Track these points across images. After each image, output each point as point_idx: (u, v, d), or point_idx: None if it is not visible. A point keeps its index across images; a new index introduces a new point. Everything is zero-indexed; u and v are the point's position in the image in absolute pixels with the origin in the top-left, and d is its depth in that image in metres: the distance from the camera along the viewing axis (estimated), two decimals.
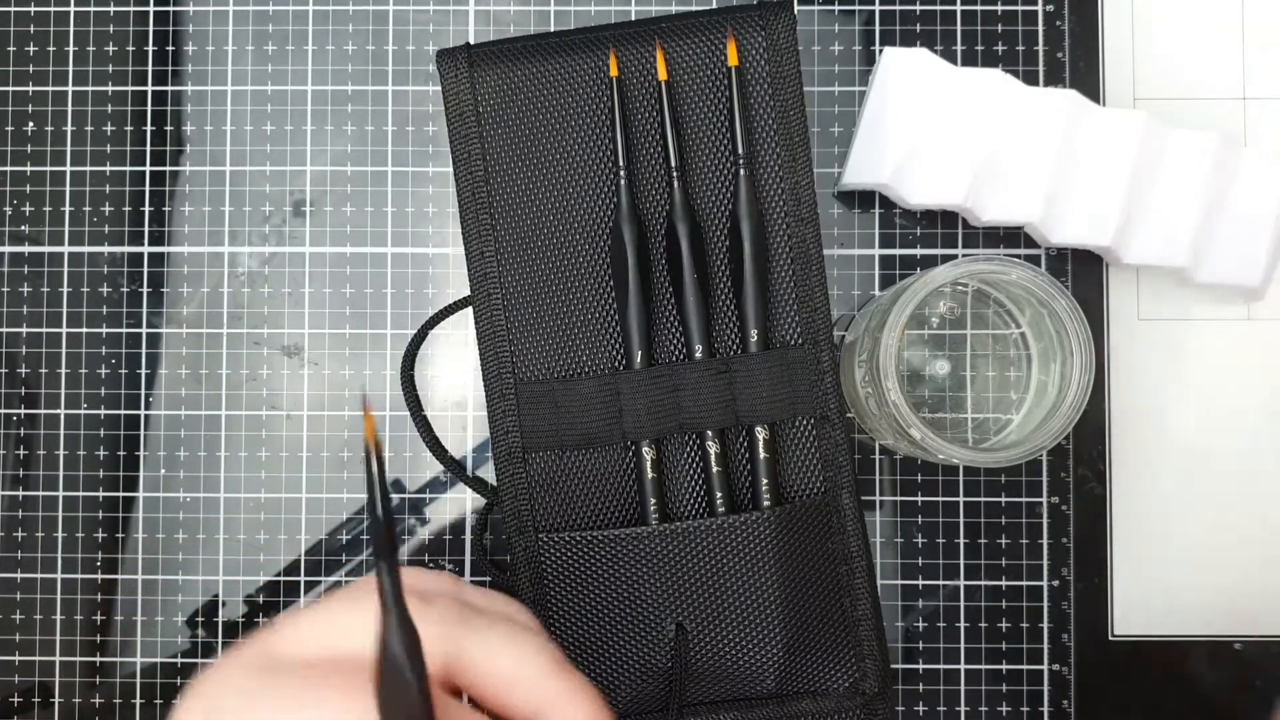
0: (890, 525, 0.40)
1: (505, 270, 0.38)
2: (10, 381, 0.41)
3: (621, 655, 0.37)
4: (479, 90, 0.38)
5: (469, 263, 0.38)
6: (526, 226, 0.38)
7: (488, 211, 0.38)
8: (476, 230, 0.38)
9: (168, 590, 0.41)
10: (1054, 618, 0.40)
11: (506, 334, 0.38)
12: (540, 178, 0.38)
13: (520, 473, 0.38)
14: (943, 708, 0.40)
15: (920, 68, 0.38)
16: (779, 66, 0.37)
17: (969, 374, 0.40)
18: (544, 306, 0.38)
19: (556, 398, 0.37)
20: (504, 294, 0.38)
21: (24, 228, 0.41)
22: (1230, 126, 0.41)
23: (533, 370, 0.38)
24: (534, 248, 0.38)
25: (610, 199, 0.38)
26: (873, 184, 0.39)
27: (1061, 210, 0.39)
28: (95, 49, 0.42)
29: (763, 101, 0.37)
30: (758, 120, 0.37)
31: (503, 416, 0.38)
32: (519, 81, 0.38)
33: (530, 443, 0.37)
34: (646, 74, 0.38)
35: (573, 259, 0.38)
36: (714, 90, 0.38)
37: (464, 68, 0.38)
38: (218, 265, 0.41)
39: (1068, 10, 0.41)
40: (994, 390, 0.40)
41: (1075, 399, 0.35)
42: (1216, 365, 0.41)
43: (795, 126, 0.37)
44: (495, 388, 0.38)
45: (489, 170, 0.38)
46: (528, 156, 0.38)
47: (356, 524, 0.41)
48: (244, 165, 0.41)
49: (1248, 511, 0.40)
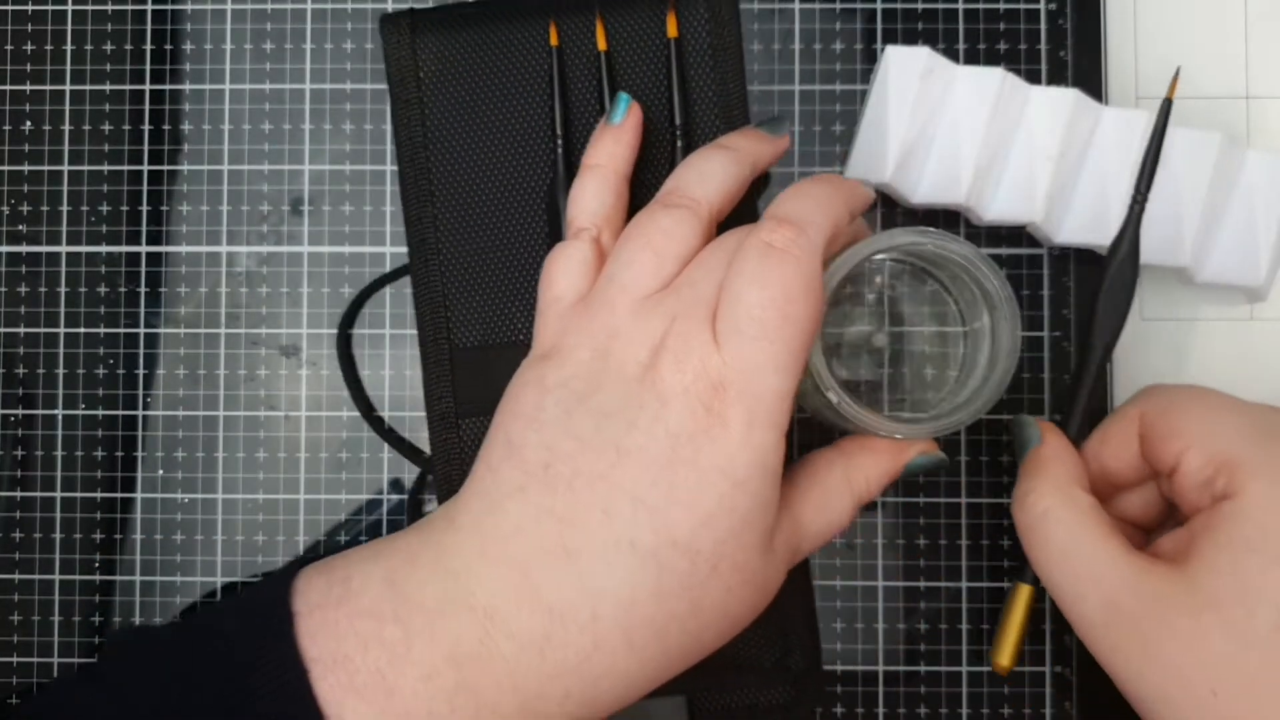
0: (892, 526, 0.40)
1: (443, 236, 0.38)
2: (7, 382, 0.41)
3: None
4: (420, 56, 0.38)
5: (407, 227, 0.38)
6: (465, 193, 0.38)
7: (426, 177, 0.38)
8: (415, 195, 0.38)
9: (166, 591, 0.40)
10: (1055, 619, 0.40)
11: (443, 299, 0.38)
12: (479, 144, 0.38)
13: (452, 438, 0.38)
14: (944, 710, 0.40)
15: (922, 66, 0.38)
16: (720, 38, 0.38)
17: (906, 350, 0.40)
18: (481, 273, 0.38)
19: (491, 364, 0.37)
20: (441, 260, 0.38)
21: (21, 227, 0.41)
22: (1233, 126, 0.41)
23: (468, 336, 0.38)
24: (472, 214, 0.38)
25: (548, 167, 0.38)
26: (874, 183, 0.39)
27: (1064, 209, 0.39)
28: (93, 48, 0.42)
29: (703, 73, 0.38)
30: (697, 92, 0.38)
31: (437, 382, 0.38)
32: (461, 48, 0.38)
33: (464, 409, 0.38)
34: (588, 43, 0.38)
35: (510, 226, 0.38)
36: (654, 61, 0.38)
37: (406, 33, 0.38)
38: (216, 265, 0.41)
39: (1070, 9, 0.41)
40: (932, 365, 0.40)
41: (1002, 370, 0.34)
42: (1219, 365, 0.41)
43: (735, 99, 0.38)
44: (430, 353, 0.38)
45: (428, 136, 0.38)
46: (468, 123, 0.38)
47: (355, 525, 0.41)
48: (242, 165, 0.41)
49: None
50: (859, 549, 0.40)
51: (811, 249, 0.31)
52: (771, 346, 0.30)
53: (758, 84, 0.41)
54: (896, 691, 0.40)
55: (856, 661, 0.40)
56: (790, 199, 0.32)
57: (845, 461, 0.34)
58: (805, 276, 0.30)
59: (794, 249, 0.30)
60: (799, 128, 0.41)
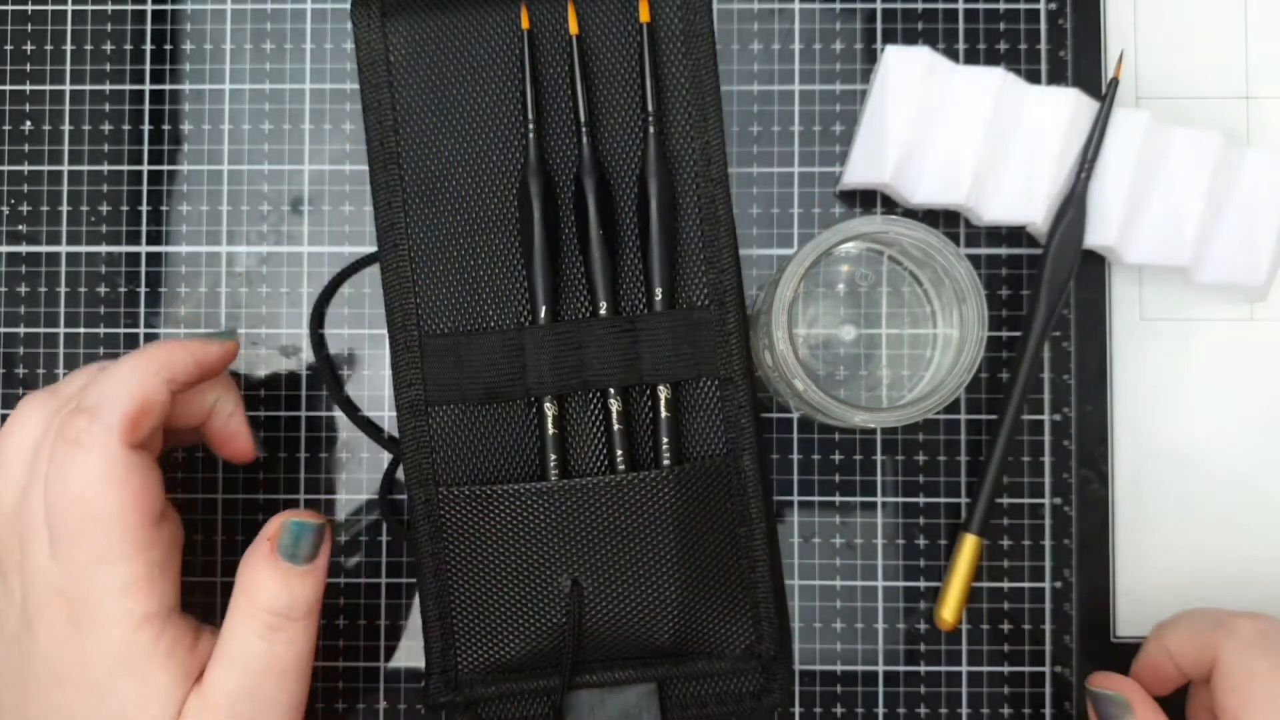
0: (892, 526, 0.40)
1: (412, 222, 0.38)
2: (7, 382, 0.41)
3: (518, 610, 0.37)
4: (390, 40, 0.38)
5: (376, 213, 0.38)
6: (435, 178, 0.38)
7: (395, 162, 0.38)
8: (385, 181, 0.38)
9: None
10: (1056, 619, 0.40)
11: (412, 286, 0.38)
12: (450, 130, 0.38)
13: (422, 425, 0.37)
14: (944, 710, 0.40)
15: (922, 66, 0.38)
16: (692, 24, 0.38)
17: (883, 336, 0.40)
18: (451, 259, 0.38)
19: (460, 351, 0.37)
20: (410, 246, 0.38)
21: (21, 227, 0.41)
22: (1233, 126, 0.41)
23: (438, 323, 0.38)
24: (442, 200, 0.38)
25: (519, 153, 0.38)
26: (874, 183, 0.39)
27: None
28: (93, 48, 0.42)
29: (675, 59, 0.38)
30: (669, 78, 0.38)
31: (406, 368, 0.38)
32: (431, 32, 0.38)
33: (433, 396, 0.37)
34: (560, 28, 0.38)
35: (480, 212, 0.38)
36: (626, 46, 0.38)
37: (376, 17, 0.38)
38: (215, 265, 0.41)
39: (1070, 9, 0.41)
40: (908, 357, 0.40)
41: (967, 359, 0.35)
42: (1219, 365, 0.41)
43: (707, 85, 0.38)
44: (400, 340, 0.38)
45: (398, 120, 0.38)
46: (438, 108, 0.38)
47: (355, 525, 0.41)
48: (242, 164, 0.41)
49: (1251, 512, 0.40)
50: (859, 549, 0.40)
51: (105, 433, 0.31)
52: (89, 545, 0.31)
53: (758, 84, 0.41)
54: (896, 691, 0.40)
55: (856, 661, 0.40)
56: (92, 384, 0.33)
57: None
58: (102, 466, 0.31)
59: (84, 439, 0.31)
60: (799, 128, 0.41)
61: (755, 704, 0.38)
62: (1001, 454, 0.39)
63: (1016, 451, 0.40)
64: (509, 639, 0.37)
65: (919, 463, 0.40)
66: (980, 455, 0.40)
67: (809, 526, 0.40)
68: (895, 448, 0.40)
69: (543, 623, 0.37)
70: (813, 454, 0.40)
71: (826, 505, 0.40)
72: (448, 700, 0.37)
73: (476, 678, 0.37)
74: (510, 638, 0.37)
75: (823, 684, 0.40)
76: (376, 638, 0.40)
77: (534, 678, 0.37)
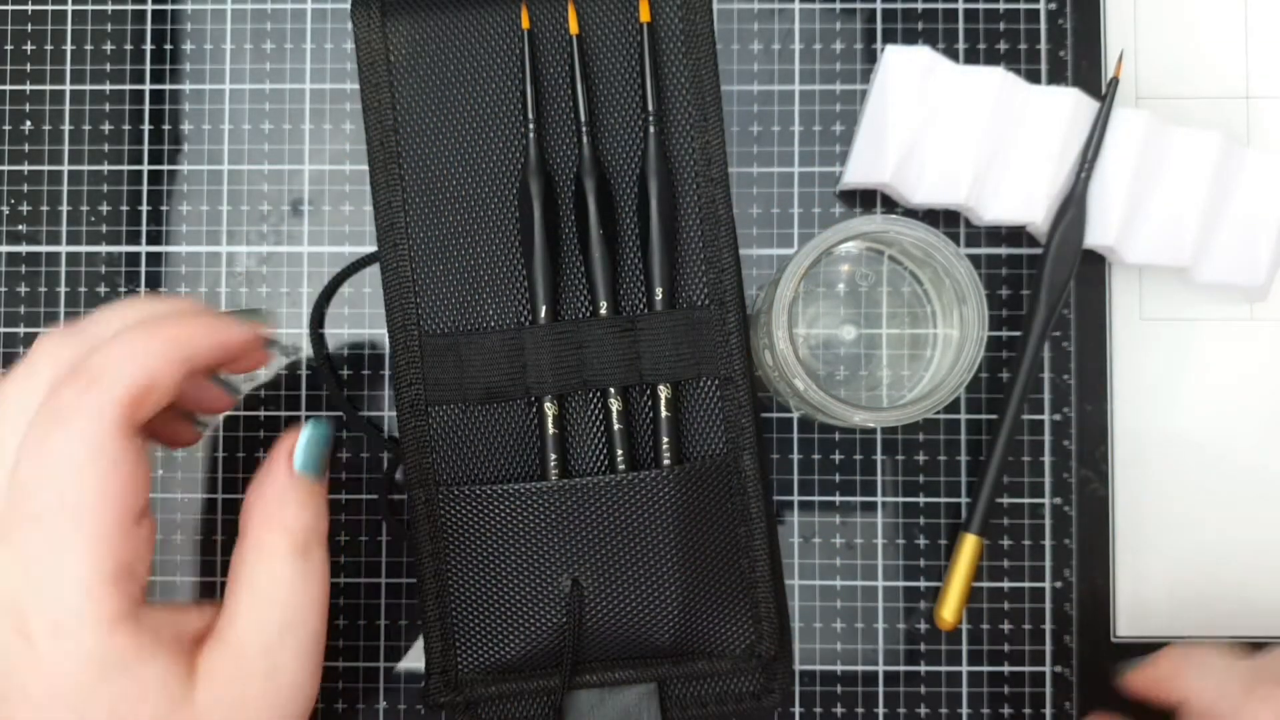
0: (892, 526, 0.40)
1: (412, 221, 0.38)
2: None
3: (518, 610, 0.37)
4: (390, 40, 0.38)
5: (376, 213, 0.38)
6: (435, 178, 0.38)
7: (396, 162, 0.38)
8: (385, 181, 0.38)
9: (166, 593, 0.40)
10: (1056, 619, 0.40)
11: (412, 286, 0.38)
12: (450, 129, 0.38)
13: (422, 425, 0.38)
14: (944, 710, 0.40)
15: (922, 66, 0.38)
16: (692, 24, 0.38)
17: (883, 335, 0.40)
18: (451, 259, 0.38)
19: (460, 351, 0.37)
20: (410, 245, 0.38)
21: (21, 227, 0.41)
22: (1233, 125, 0.41)
23: (438, 323, 0.38)
24: (442, 200, 0.38)
25: (519, 153, 0.38)
26: (874, 183, 0.39)
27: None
28: (93, 48, 0.42)
29: (675, 59, 0.38)
30: (670, 78, 0.38)
31: (406, 368, 0.38)
32: (431, 32, 0.38)
33: (433, 396, 0.38)
34: (561, 28, 0.38)
35: (481, 212, 0.38)
36: (627, 46, 0.38)
37: (376, 17, 0.38)
38: (215, 265, 0.41)
39: (1070, 9, 0.41)
40: (908, 357, 0.40)
41: (967, 359, 0.35)
42: (1219, 365, 0.41)
43: (707, 85, 0.38)
44: (400, 340, 0.38)
45: (398, 120, 0.38)
46: (438, 108, 0.38)
47: (355, 525, 0.41)
48: (242, 164, 0.41)
49: (1252, 512, 0.40)
50: (859, 549, 0.40)
51: (99, 409, 0.27)
52: (48, 538, 0.27)
53: (758, 84, 0.41)
54: (896, 691, 0.40)
55: (856, 661, 0.40)
56: (107, 342, 0.29)
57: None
58: (88, 447, 0.27)
59: (73, 412, 0.27)
60: (799, 128, 0.41)
61: (755, 704, 0.38)
62: (1001, 454, 0.39)
63: (1016, 451, 0.40)
64: (509, 639, 0.37)
65: (919, 463, 0.40)
66: (980, 455, 0.40)
67: (809, 526, 0.40)
68: (895, 448, 0.40)
69: (543, 622, 0.37)
70: (813, 454, 0.40)
71: (826, 505, 0.40)
72: (448, 700, 0.37)
73: (476, 678, 0.37)
74: (510, 638, 0.37)
75: (823, 684, 0.40)
76: (376, 638, 0.40)
77: (534, 678, 0.37)
